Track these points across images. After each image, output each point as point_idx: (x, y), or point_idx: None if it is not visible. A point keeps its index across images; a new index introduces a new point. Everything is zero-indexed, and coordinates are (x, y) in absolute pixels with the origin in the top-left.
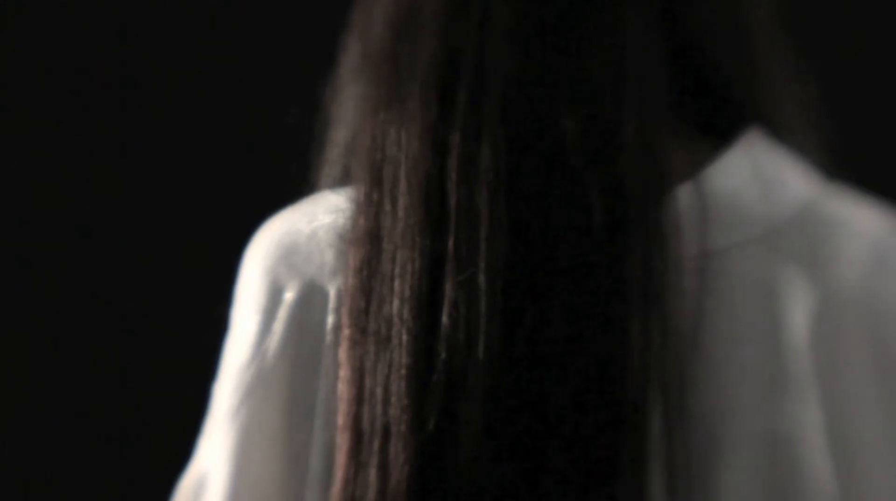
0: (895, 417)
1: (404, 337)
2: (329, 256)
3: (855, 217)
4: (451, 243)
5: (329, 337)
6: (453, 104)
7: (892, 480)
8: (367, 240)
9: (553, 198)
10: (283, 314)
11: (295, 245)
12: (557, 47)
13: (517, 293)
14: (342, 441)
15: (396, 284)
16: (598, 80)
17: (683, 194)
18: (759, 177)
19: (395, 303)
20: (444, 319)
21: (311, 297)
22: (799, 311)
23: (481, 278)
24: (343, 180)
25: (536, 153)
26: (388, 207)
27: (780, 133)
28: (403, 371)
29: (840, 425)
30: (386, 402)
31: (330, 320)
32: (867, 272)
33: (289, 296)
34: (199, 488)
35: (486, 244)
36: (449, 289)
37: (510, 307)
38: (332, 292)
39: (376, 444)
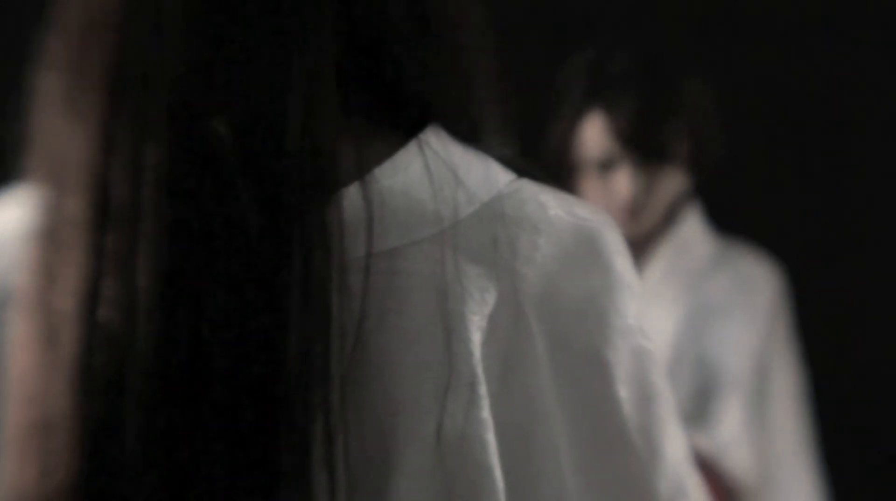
0: (574, 415)
1: (69, 336)
2: (15, 253)
3: (539, 213)
4: (113, 242)
5: (7, 334)
6: (122, 105)
7: (564, 479)
8: (41, 238)
9: (211, 201)
10: None
11: None
12: (224, 50)
13: (177, 294)
14: (9, 440)
15: (64, 282)
16: (262, 82)
17: (351, 195)
18: (433, 175)
19: (62, 302)
20: (105, 318)
21: None
22: (475, 310)
23: (141, 279)
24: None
25: (197, 156)
26: (59, 205)
27: (468, 130)
28: (67, 371)
29: (516, 424)
30: (50, 401)
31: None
32: (549, 269)
33: None
34: None
35: (147, 245)
36: (110, 289)
37: (169, 308)
38: (13, 289)
39: (41, 444)
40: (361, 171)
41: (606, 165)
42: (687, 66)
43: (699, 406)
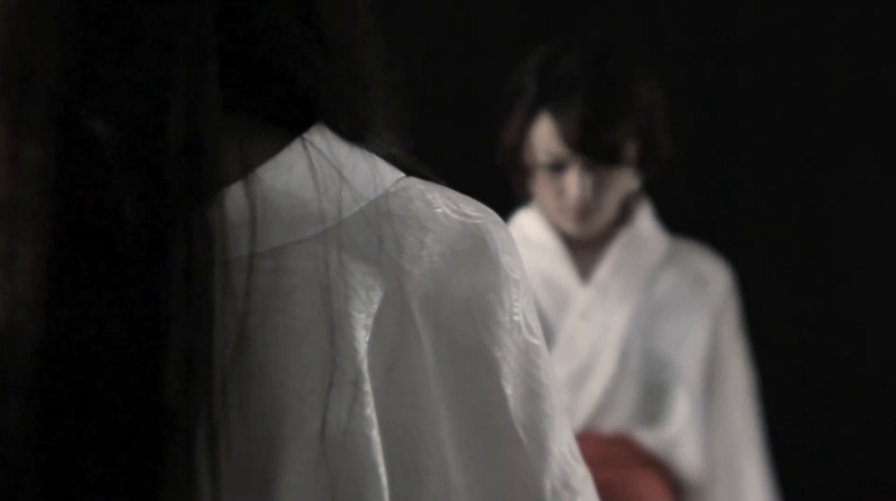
0: (460, 412)
1: None
2: None
3: (426, 211)
4: None
5: None
6: (1, 103)
7: (450, 476)
8: None
9: (91, 199)
10: None
11: None
12: (105, 47)
13: (58, 292)
14: None
15: None
16: (143, 79)
17: (234, 194)
18: (318, 174)
19: None
20: None
21: None
22: (360, 308)
23: (23, 277)
24: None
25: (76, 154)
26: None
27: (355, 129)
28: None
29: (401, 422)
30: None
31: None
32: (436, 267)
33: None
34: None
35: (28, 243)
36: None
37: (51, 307)
38: None
39: None
40: (245, 169)
41: (557, 167)
42: (637, 65)
43: (649, 403)
